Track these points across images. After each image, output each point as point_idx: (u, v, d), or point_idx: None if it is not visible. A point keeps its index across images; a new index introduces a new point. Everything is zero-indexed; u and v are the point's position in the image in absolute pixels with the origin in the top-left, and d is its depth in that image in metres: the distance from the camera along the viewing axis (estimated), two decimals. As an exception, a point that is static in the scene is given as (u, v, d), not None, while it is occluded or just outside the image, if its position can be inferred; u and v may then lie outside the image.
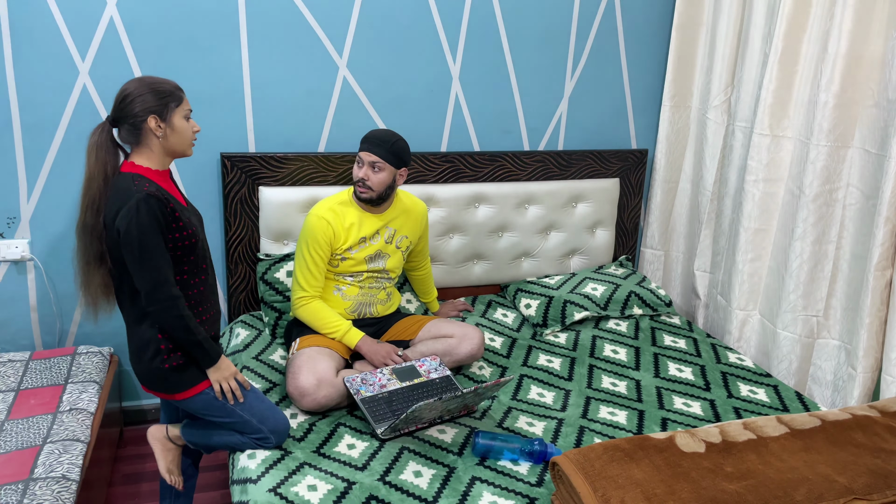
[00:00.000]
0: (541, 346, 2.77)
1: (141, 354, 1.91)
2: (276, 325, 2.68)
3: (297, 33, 2.74)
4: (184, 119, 1.90)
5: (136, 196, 1.79)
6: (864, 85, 2.47)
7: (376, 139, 2.39)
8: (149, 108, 1.83)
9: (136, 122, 1.84)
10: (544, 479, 1.98)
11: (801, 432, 1.93)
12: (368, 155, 2.38)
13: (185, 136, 1.90)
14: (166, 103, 1.85)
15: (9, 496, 1.86)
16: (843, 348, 2.58)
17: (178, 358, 1.90)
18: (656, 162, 3.34)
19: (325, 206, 2.46)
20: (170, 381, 1.92)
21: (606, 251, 3.33)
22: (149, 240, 1.79)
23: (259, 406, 2.02)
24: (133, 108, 1.83)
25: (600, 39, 3.13)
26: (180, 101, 1.88)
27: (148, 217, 1.79)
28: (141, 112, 1.83)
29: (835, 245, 2.59)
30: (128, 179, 1.83)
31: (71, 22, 2.49)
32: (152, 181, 1.86)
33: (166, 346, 1.89)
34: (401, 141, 2.42)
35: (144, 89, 1.84)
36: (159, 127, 1.85)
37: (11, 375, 2.47)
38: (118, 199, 1.82)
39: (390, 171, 2.40)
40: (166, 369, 1.90)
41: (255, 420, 1.99)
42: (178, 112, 1.88)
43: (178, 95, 1.88)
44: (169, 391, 1.93)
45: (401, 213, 2.54)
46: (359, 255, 2.45)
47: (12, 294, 2.69)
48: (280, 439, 2.02)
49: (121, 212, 1.79)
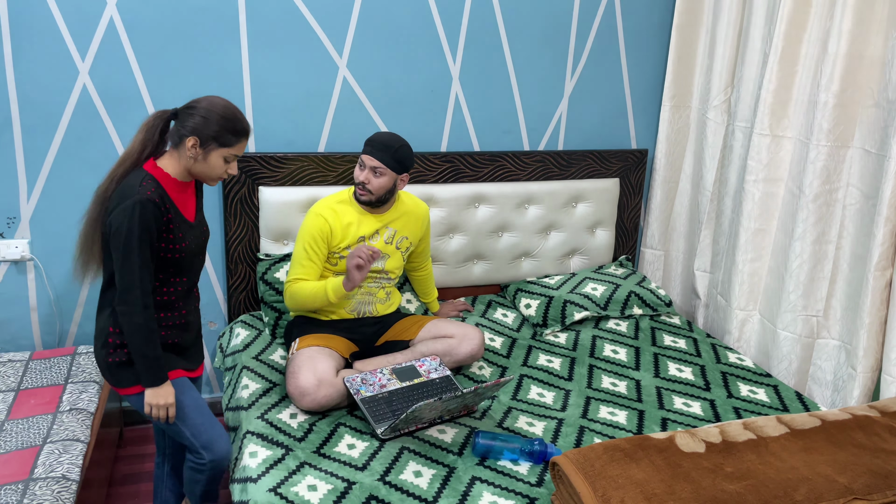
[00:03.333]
0: (541, 346, 2.77)
1: (95, 341, 1.97)
2: (276, 325, 2.68)
3: (297, 33, 2.74)
4: (222, 158, 1.90)
5: (136, 197, 1.80)
6: (864, 85, 2.47)
7: (380, 143, 2.38)
8: (197, 129, 1.85)
9: (181, 131, 1.87)
10: (544, 479, 1.98)
11: (801, 432, 1.93)
12: (371, 159, 2.38)
13: (213, 171, 1.91)
14: (215, 137, 1.86)
15: (9, 496, 1.87)
16: (843, 348, 2.58)
17: (122, 354, 1.92)
18: (656, 162, 3.35)
19: (324, 203, 2.46)
20: (113, 373, 1.94)
21: (606, 251, 3.33)
22: (135, 243, 1.79)
23: (200, 425, 1.99)
24: (189, 118, 1.86)
25: (600, 39, 3.13)
26: (230, 144, 1.88)
27: (140, 221, 1.79)
28: (190, 127, 1.85)
29: (835, 245, 2.59)
30: (138, 177, 1.85)
31: (71, 22, 2.49)
32: (160, 186, 1.86)
33: (115, 339, 1.91)
34: (405, 147, 2.41)
35: (212, 112, 1.85)
36: (194, 149, 1.86)
37: (11, 375, 2.47)
38: (122, 194, 1.83)
39: (391, 176, 2.40)
40: (110, 362, 1.93)
41: (189, 433, 1.98)
42: (220, 150, 1.88)
43: (231, 140, 1.88)
44: (112, 382, 1.96)
45: (402, 214, 2.54)
46: None
47: (12, 294, 2.69)
48: (216, 469, 2.01)
49: (118, 207, 1.81)
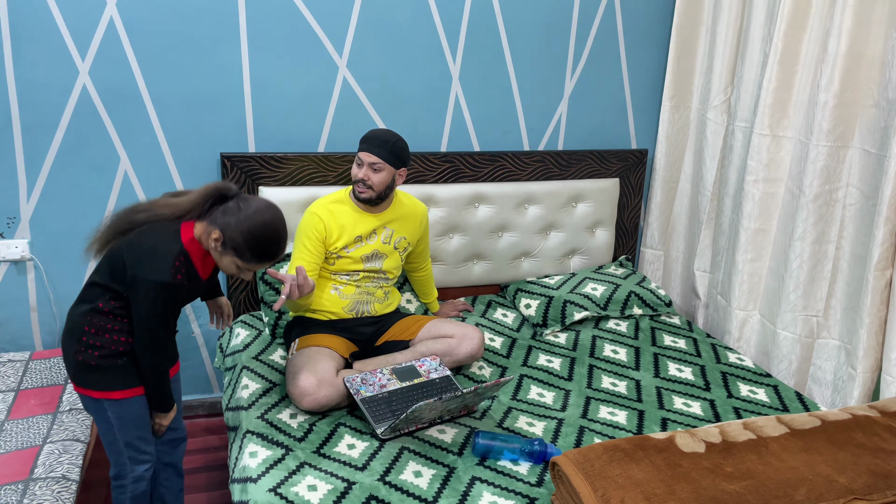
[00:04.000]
0: (541, 346, 2.77)
1: (68, 334, 1.92)
2: (276, 325, 2.67)
3: (297, 33, 2.74)
4: (235, 266, 1.89)
5: (164, 277, 1.79)
6: (863, 85, 2.47)
7: (376, 139, 2.39)
8: (226, 229, 1.83)
9: (217, 218, 1.84)
10: (544, 479, 1.98)
11: (801, 432, 1.93)
12: (368, 155, 2.38)
13: (224, 268, 1.91)
14: (235, 247, 1.83)
15: (9, 496, 1.87)
16: (843, 348, 2.58)
17: (92, 357, 1.89)
18: (656, 162, 3.34)
19: (320, 203, 2.47)
20: (77, 370, 1.92)
21: (606, 251, 3.33)
22: (155, 313, 1.85)
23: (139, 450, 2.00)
24: (229, 213, 1.83)
25: (600, 39, 3.13)
26: (246, 261, 1.86)
27: (161, 301, 1.83)
28: (222, 222, 1.83)
29: (835, 245, 2.59)
30: (175, 246, 1.83)
31: (71, 22, 2.49)
32: (190, 262, 1.86)
33: (88, 339, 1.88)
34: (400, 141, 2.42)
35: (246, 223, 1.82)
36: (215, 242, 1.85)
37: (11, 375, 2.47)
38: (153, 253, 1.81)
39: (390, 172, 2.40)
40: (79, 361, 1.90)
41: (120, 444, 1.98)
42: (235, 259, 1.87)
43: (249, 258, 1.85)
44: (72, 377, 1.94)
45: (400, 214, 2.54)
46: (355, 254, 2.45)
47: (12, 294, 2.69)
48: (136, 491, 2.02)
49: (146, 267, 1.80)
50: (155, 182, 2.73)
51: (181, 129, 2.71)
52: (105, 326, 1.88)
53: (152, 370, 1.92)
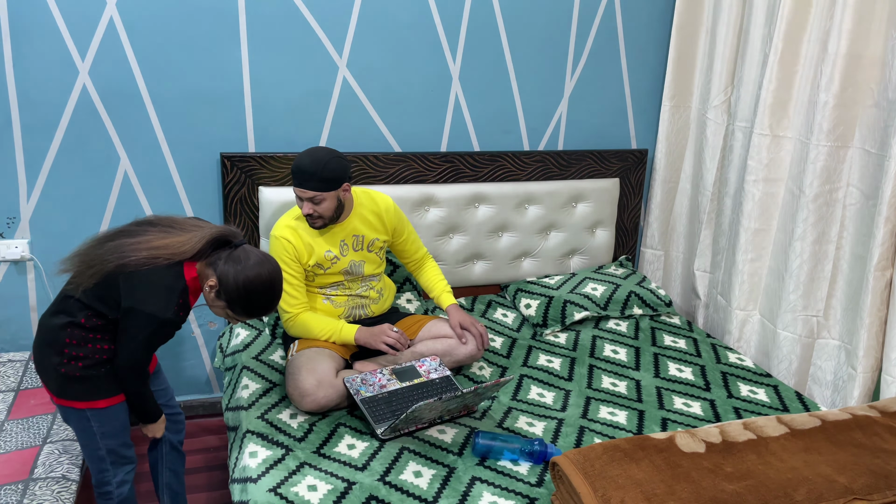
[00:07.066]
0: (541, 346, 2.77)
1: (47, 346, 1.88)
2: (276, 325, 2.67)
3: (297, 33, 2.73)
4: (224, 311, 1.90)
5: (167, 314, 1.80)
6: (864, 85, 2.47)
7: (303, 174, 2.26)
8: (222, 278, 1.83)
9: (216, 264, 1.85)
10: (544, 480, 1.98)
11: (801, 432, 1.93)
12: (303, 191, 2.28)
13: (212, 308, 1.92)
14: (227, 298, 1.84)
15: (9, 496, 1.87)
16: (843, 348, 2.58)
17: (76, 368, 1.86)
18: (656, 162, 3.34)
19: (283, 224, 2.39)
20: (58, 382, 1.88)
21: (606, 251, 3.33)
22: (150, 346, 1.86)
23: (121, 455, 1.99)
24: (230, 262, 1.83)
25: (600, 39, 3.13)
26: (235, 312, 1.87)
27: (159, 335, 1.85)
28: (221, 270, 1.83)
29: (835, 245, 2.59)
30: (178, 285, 1.83)
31: (71, 22, 2.49)
32: (188, 302, 1.86)
33: (71, 351, 1.85)
34: (330, 162, 2.27)
35: (240, 276, 1.82)
36: (210, 287, 1.86)
37: (11, 375, 2.47)
38: (158, 288, 1.81)
39: (332, 196, 2.31)
40: (62, 373, 1.86)
41: (102, 451, 1.96)
42: (226, 308, 1.88)
43: (238, 310, 1.86)
44: (51, 388, 1.90)
45: (360, 218, 2.46)
46: (333, 270, 2.43)
47: (12, 294, 2.69)
48: (121, 495, 2.01)
49: (149, 301, 1.79)
50: (155, 182, 2.73)
51: (181, 129, 2.70)
52: (87, 337, 1.85)
53: (136, 391, 1.92)
